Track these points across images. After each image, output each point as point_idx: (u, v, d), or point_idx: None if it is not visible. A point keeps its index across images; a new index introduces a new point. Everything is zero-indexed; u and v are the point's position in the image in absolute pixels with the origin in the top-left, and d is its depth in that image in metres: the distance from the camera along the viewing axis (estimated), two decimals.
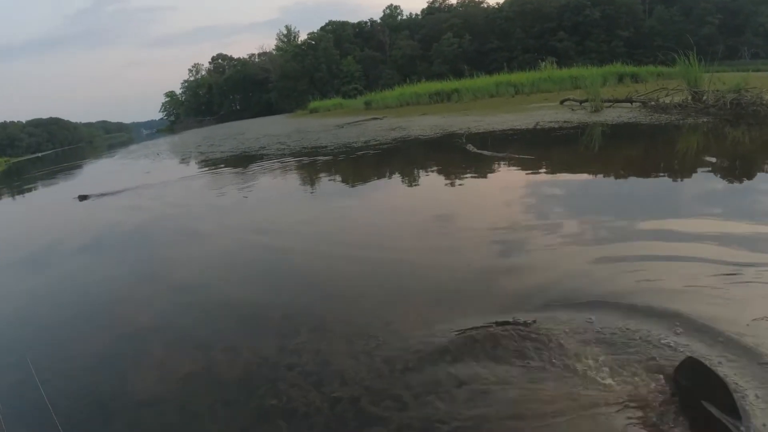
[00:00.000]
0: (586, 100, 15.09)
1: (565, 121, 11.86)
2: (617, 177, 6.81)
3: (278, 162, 14.19)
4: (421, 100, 32.08)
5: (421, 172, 9.08)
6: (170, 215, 8.36)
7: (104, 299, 4.98)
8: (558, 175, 7.21)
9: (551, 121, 12.23)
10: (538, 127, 11.67)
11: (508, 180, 7.15)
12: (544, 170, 7.42)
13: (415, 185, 8.15)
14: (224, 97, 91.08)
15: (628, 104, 14.25)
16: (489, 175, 7.80)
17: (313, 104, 54.48)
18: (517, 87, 28.44)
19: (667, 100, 12.76)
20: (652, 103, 13.26)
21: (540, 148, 9.17)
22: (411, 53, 65.50)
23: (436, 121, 17.08)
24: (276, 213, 7.42)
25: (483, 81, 31.73)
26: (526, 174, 7.16)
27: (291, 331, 3.30)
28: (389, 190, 8.03)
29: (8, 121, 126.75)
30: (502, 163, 8.14)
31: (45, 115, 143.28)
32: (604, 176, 6.90)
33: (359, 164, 11.39)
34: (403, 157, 11.46)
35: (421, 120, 18.88)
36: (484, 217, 5.36)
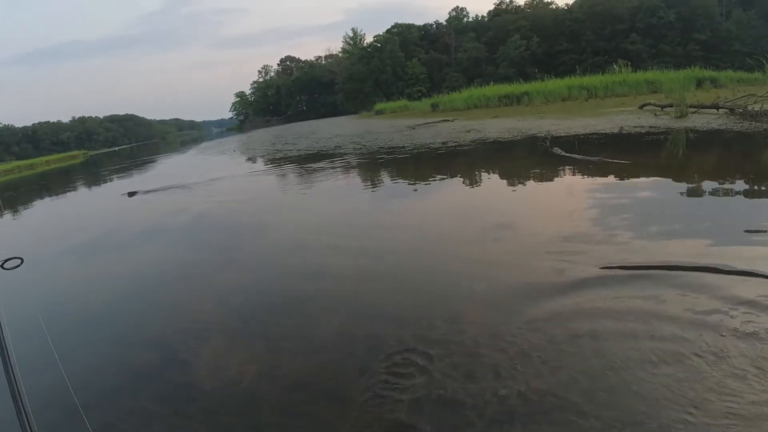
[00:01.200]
0: (670, 105, 14.87)
1: (651, 126, 11.77)
2: (726, 185, 6.48)
3: (359, 160, 14.77)
4: (490, 102, 32.05)
5: (514, 175, 9.06)
6: (269, 209, 9.08)
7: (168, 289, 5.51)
8: (661, 180, 7.00)
9: (636, 126, 12.15)
10: (624, 131, 11.62)
11: (611, 185, 6.99)
12: (644, 176, 7.26)
13: (511, 188, 8.10)
14: (291, 98, 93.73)
15: (714, 110, 13.95)
16: (587, 179, 7.58)
17: (378, 106, 55.27)
18: (589, 90, 27.97)
19: (756, 107, 12.44)
20: (740, 110, 12.95)
21: (632, 153, 9.03)
22: (477, 56, 65.20)
23: (511, 124, 17.20)
24: (358, 211, 7.78)
25: (554, 84, 31.38)
26: (627, 179, 7.10)
27: (425, 326, 3.47)
28: (480, 193, 8.06)
29: (86, 116, 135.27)
30: (597, 167, 8.02)
31: (121, 112, 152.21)
32: (716, 183, 6.58)
33: (443, 165, 11.63)
34: (488, 159, 11.57)
35: (495, 123, 19.02)
36: (597, 223, 5.23)
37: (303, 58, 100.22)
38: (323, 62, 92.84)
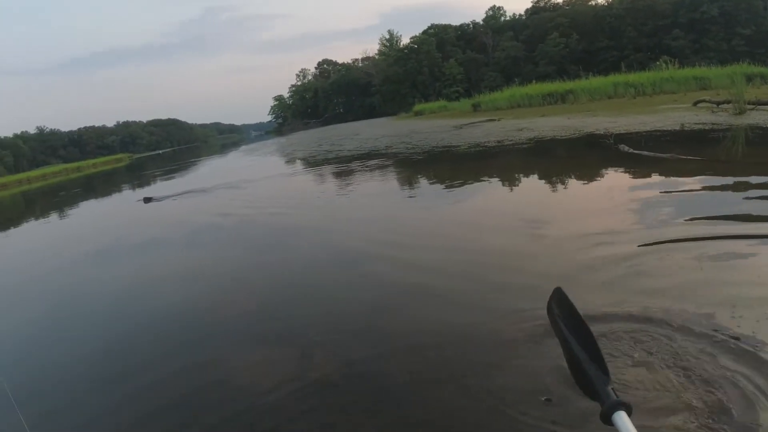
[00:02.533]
0: (726, 102, 14.79)
1: (713, 123, 11.78)
2: None
3: (415, 159, 15.16)
4: (533, 101, 32.04)
5: (587, 173, 8.96)
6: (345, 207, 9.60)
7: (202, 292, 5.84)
8: (747, 177, 6.69)
9: (696, 123, 12.15)
10: (686, 128, 11.71)
11: (693, 182, 6.77)
12: (727, 173, 7.01)
13: (590, 186, 7.95)
14: (329, 100, 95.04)
15: None
16: (666, 177, 7.36)
17: (417, 107, 55.61)
18: (636, 88, 27.70)
19: None
20: None
21: (701, 150, 8.88)
22: (515, 54, 64.93)
23: (562, 122, 17.31)
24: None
25: (598, 81, 31.10)
26: (707, 176, 6.93)
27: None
28: (560, 193, 7.90)
29: (130, 120, 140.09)
30: (671, 164, 7.92)
31: (164, 116, 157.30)
32: None
33: (507, 164, 11.81)
34: (554, 158, 11.57)
35: (545, 121, 19.15)
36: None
37: (340, 61, 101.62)
38: (360, 65, 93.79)
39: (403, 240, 6.24)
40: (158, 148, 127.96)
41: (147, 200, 16.70)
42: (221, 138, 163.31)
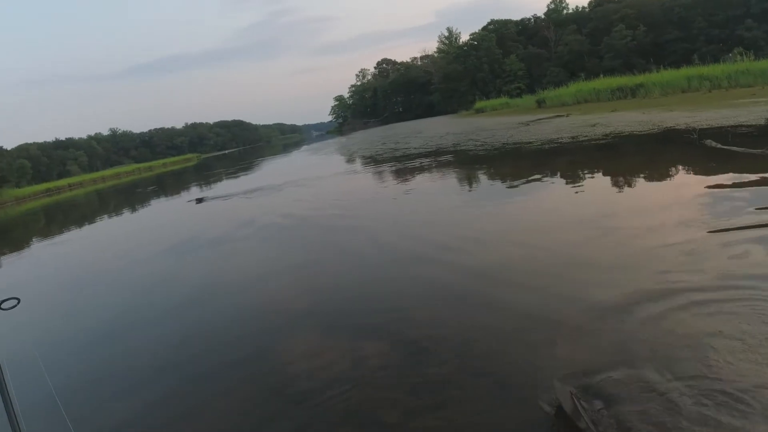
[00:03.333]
0: None
1: None
2: None
3: (488, 156, 15.51)
4: (601, 96, 31.59)
5: (677, 169, 8.74)
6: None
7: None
8: None
9: None
10: None
11: None
12: None
13: (684, 183, 7.66)
14: (388, 99, 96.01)
15: None
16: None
17: (479, 104, 55.62)
18: (711, 81, 26.84)
19: None
20: None
21: None
22: (578, 48, 63.45)
23: (637, 117, 17.21)
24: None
25: (671, 75, 30.27)
26: None
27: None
28: (654, 190, 7.67)
29: (198, 122, 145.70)
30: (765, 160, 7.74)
31: (229, 117, 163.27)
32: None
33: (587, 160, 11.72)
34: (638, 154, 11.30)
35: (617, 116, 19.05)
36: None
37: (399, 60, 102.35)
38: (419, 63, 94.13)
39: (482, 238, 6.46)
40: (224, 149, 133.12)
41: (198, 201, 17.97)
42: (283, 138, 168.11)
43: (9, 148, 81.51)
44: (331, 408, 3.29)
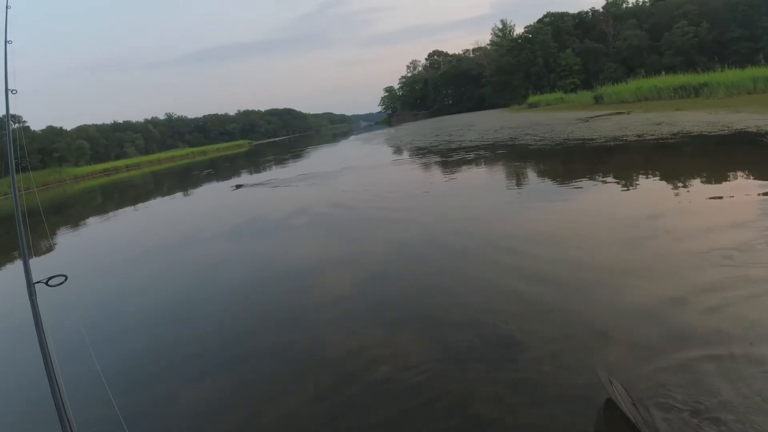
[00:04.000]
0: None
1: None
2: None
3: (549, 152, 15.65)
4: (663, 94, 30.97)
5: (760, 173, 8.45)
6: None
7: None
8: None
9: None
10: None
11: None
12: None
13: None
14: (438, 92, 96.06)
15: None
16: None
17: (532, 99, 55.08)
18: None
19: None
20: None
21: None
22: (637, 44, 61.82)
23: (704, 118, 17.02)
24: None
25: (736, 75, 29.36)
26: None
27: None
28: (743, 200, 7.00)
29: (250, 109, 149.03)
30: None
31: (280, 106, 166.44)
32: None
33: (659, 160, 11.44)
34: (714, 157, 10.84)
35: (683, 116, 18.87)
36: None
37: (451, 52, 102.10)
38: (471, 55, 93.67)
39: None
40: (275, 136, 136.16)
41: (237, 187, 19.07)
42: (332, 127, 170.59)
43: (69, 129, 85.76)
44: (422, 396, 3.41)
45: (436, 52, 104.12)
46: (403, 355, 4.03)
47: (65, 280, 2.31)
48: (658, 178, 9.38)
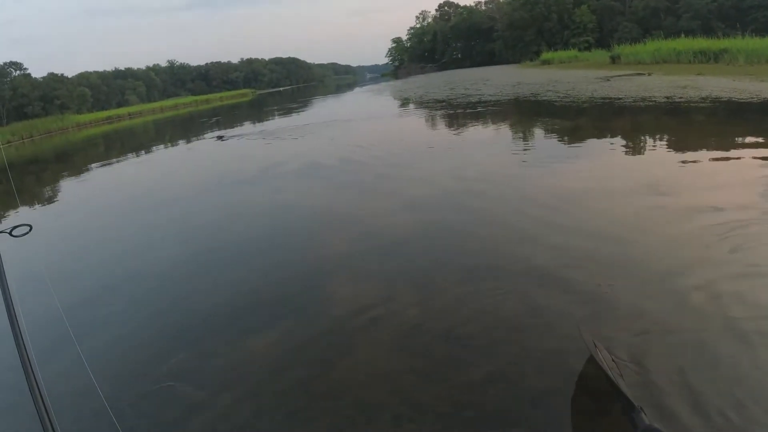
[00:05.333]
0: None
1: None
2: None
3: (579, 109, 15.82)
4: (682, 58, 30.88)
5: None
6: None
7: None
8: None
9: None
10: None
11: None
12: None
13: None
14: (447, 45, 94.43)
15: None
16: None
17: (545, 55, 54.63)
18: None
19: None
20: None
21: None
22: (655, 5, 60.66)
23: (729, 84, 17.11)
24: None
25: (757, 43, 29.21)
26: None
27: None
28: None
29: (253, 57, 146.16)
30: None
31: (284, 55, 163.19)
32: None
33: (700, 123, 11.33)
34: (750, 122, 10.83)
35: (706, 81, 18.99)
36: None
37: (462, 3, 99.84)
38: (482, 8, 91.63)
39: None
40: (279, 86, 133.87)
41: (219, 138, 20.15)
42: (337, 78, 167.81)
43: (70, 76, 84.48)
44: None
45: (447, 3, 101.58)
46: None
47: (30, 230, 2.20)
48: (700, 141, 9.26)
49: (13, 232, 2.17)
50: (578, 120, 14.24)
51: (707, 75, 21.48)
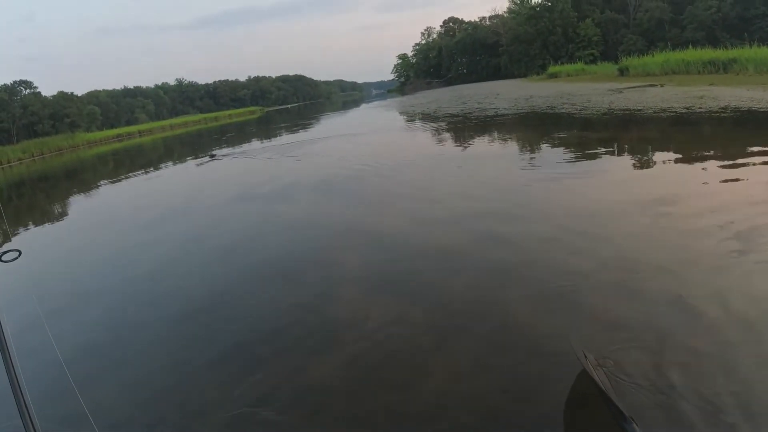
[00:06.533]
0: None
1: None
2: None
3: (602, 122, 16.04)
4: (691, 69, 31.29)
5: None
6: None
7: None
8: None
9: None
10: None
11: None
12: None
13: None
14: (452, 60, 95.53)
15: None
16: None
17: (552, 69, 55.15)
18: None
19: None
20: None
21: None
22: (660, 16, 61.35)
23: (744, 93, 17.34)
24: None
25: (765, 52, 29.58)
26: None
27: None
28: None
29: (261, 75, 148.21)
30: None
31: (291, 72, 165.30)
32: None
33: (726, 134, 11.44)
34: None
35: (721, 91, 19.30)
36: None
37: (467, 19, 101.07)
38: (487, 23, 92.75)
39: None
40: (286, 103, 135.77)
41: (211, 156, 21.09)
42: (343, 95, 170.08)
43: (80, 94, 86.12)
44: None
45: (452, 19, 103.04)
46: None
47: (19, 255, 2.16)
48: (734, 152, 9.21)
49: (2, 258, 2.14)
50: (606, 132, 14.29)
51: (720, 85, 21.82)
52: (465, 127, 20.15)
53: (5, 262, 2.13)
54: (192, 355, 4.36)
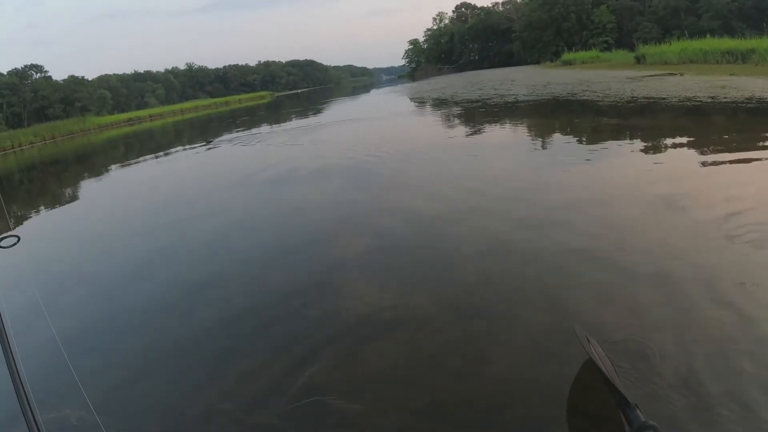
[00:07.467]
0: None
1: None
2: None
3: (628, 110, 16.09)
4: (709, 58, 31.34)
5: None
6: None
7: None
8: None
9: None
10: None
11: None
12: None
13: None
14: (464, 46, 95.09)
15: None
16: None
17: (566, 56, 55.11)
18: None
19: None
20: None
21: None
22: (676, 5, 60.89)
23: (766, 84, 17.61)
24: None
25: None
26: None
27: None
28: None
29: (270, 59, 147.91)
30: None
31: (301, 57, 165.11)
32: None
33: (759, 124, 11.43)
34: None
35: (741, 81, 19.37)
36: None
37: (479, 5, 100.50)
38: (500, 9, 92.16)
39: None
40: (296, 88, 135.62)
41: (208, 142, 21.58)
42: (353, 80, 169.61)
43: (90, 79, 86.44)
44: None
45: (464, 4, 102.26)
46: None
47: (18, 241, 2.17)
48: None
49: (1, 243, 2.16)
50: (637, 120, 14.05)
51: (740, 75, 21.93)
52: (490, 113, 20.40)
53: (4, 248, 2.17)
54: (197, 338, 4.35)
